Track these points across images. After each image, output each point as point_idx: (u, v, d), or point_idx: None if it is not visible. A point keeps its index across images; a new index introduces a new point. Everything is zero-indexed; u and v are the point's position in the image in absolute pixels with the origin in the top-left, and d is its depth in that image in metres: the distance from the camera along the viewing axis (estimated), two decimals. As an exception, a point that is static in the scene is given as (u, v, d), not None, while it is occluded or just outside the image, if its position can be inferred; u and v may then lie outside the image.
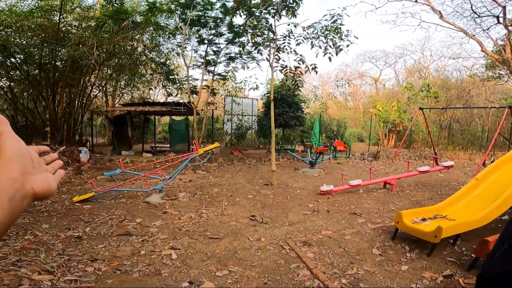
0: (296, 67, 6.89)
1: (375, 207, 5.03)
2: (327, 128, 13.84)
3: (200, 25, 8.88)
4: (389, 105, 13.73)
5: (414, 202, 5.38)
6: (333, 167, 9.73)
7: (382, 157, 11.88)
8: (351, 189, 6.14)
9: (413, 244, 3.41)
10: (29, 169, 0.42)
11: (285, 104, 11.76)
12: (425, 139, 14.94)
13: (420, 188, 6.61)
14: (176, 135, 10.68)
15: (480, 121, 17.48)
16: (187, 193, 5.88)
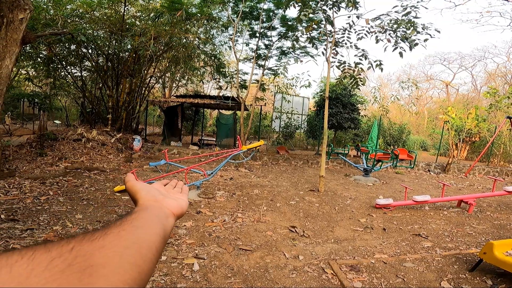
0: (356, 64, 6.09)
1: (446, 229, 4.10)
2: (385, 133, 12.49)
3: (252, 17, 8.57)
4: (465, 112, 11.80)
5: (498, 226, 4.28)
6: (391, 177, 8.62)
7: (452, 169, 10.24)
8: (415, 205, 5.20)
9: (499, 278, 2.56)
10: (158, 197, 0.51)
11: (340, 104, 10.88)
12: (506, 153, 12.58)
13: (504, 210, 5.35)
14: (223, 129, 10.58)
15: None
16: (226, 192, 5.57)
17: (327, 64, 6.10)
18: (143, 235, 0.38)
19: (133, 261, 0.33)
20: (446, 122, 11.81)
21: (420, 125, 18.80)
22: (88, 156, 7.72)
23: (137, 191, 0.50)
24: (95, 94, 10.90)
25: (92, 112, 10.78)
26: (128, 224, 0.38)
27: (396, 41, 5.23)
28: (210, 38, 9.91)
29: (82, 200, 4.49)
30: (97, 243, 0.32)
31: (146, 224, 0.40)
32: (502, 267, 2.50)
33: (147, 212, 0.44)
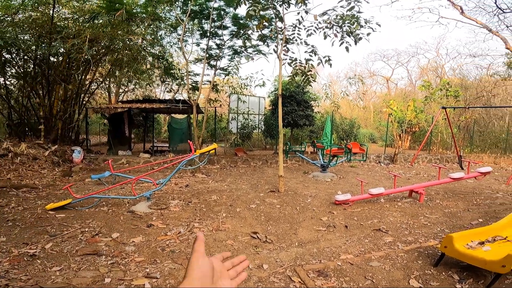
0: (307, 60, 6.07)
1: (403, 221, 4.19)
2: (338, 128, 12.96)
3: (203, 16, 8.17)
4: (405, 105, 12.77)
5: (449, 215, 4.51)
6: (347, 171, 8.88)
7: (399, 159, 10.94)
8: (371, 199, 5.30)
9: (464, 272, 2.59)
10: (206, 281, 0.47)
11: (294, 102, 10.95)
12: (444, 141, 13.91)
13: (451, 197, 5.72)
14: (177, 134, 9.99)
15: (498, 123, 16.33)
16: (181, 200, 5.13)
17: (278, 62, 5.99)
18: None
19: None
20: (390, 115, 12.64)
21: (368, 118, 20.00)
22: (16, 173, 6.66)
23: (193, 268, 0.48)
24: (24, 103, 9.54)
25: (20, 123, 9.41)
26: None
27: (342, 36, 5.29)
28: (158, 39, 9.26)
29: (6, 221, 3.78)
30: None
31: None
32: (464, 261, 2.52)
33: None
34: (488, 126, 16.13)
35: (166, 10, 8.78)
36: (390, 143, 13.10)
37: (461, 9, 13.84)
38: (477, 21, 13.89)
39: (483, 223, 4.10)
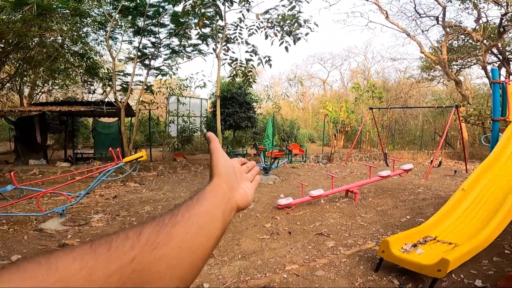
0: (247, 60, 5.91)
1: (342, 223, 4.29)
2: (280, 129, 13.23)
3: (138, 13, 7.40)
4: (338, 106, 13.68)
5: (381, 213, 4.79)
6: (289, 173, 9.02)
7: (335, 159, 11.61)
8: (312, 200, 5.38)
9: (403, 276, 2.67)
10: (234, 183, 0.48)
11: (236, 103, 10.79)
12: (371, 140, 15.29)
13: (381, 194, 6.16)
14: (105, 140, 8.92)
15: (414, 122, 18.71)
16: (106, 214, 4.50)
17: (217, 61, 5.72)
18: (201, 243, 0.36)
19: (184, 275, 0.32)
20: (326, 115, 13.39)
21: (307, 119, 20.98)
22: None
23: (219, 166, 0.47)
24: None
25: None
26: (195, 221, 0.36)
27: (282, 35, 5.27)
28: (81, 36, 8.11)
29: None
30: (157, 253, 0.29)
31: (210, 225, 0.38)
32: (402, 265, 2.58)
33: (216, 205, 0.41)
34: (405, 125, 18.32)
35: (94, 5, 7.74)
36: (327, 143, 13.88)
37: (386, 14, 15.27)
38: (398, 26, 15.51)
39: (411, 220, 4.43)
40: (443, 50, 13.88)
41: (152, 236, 0.31)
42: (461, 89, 14.35)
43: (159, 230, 0.32)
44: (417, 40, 15.01)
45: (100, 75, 8.04)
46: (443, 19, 14.23)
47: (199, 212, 0.38)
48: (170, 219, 0.34)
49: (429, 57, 14.93)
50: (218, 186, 0.44)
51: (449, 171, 9.63)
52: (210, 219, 0.39)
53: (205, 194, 0.42)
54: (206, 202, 0.40)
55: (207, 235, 0.37)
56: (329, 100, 15.17)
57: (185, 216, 0.36)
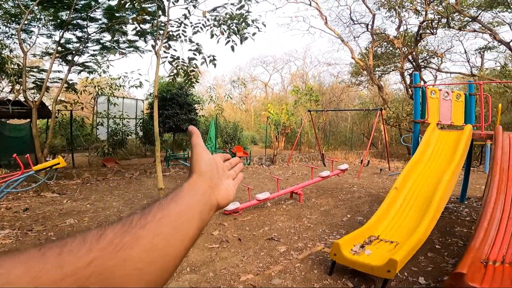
0: (190, 59, 5.58)
1: (290, 226, 4.32)
2: (223, 131, 13.03)
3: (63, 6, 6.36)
4: (279, 108, 14.13)
5: (325, 213, 4.99)
6: (232, 175, 8.87)
7: (278, 160, 11.90)
8: (259, 204, 5.33)
9: (355, 278, 2.75)
10: (215, 181, 0.46)
11: (176, 105, 10.22)
12: (309, 141, 16.18)
13: (322, 194, 6.46)
14: (14, 144, 7.50)
15: (344, 124, 20.52)
16: (15, 230, 3.76)
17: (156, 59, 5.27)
18: (174, 246, 0.33)
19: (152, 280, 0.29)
20: (268, 117, 13.69)
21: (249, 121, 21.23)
22: None
23: (199, 162, 0.44)
24: None
25: None
26: (167, 221, 0.33)
27: (229, 34, 5.11)
28: None
29: None
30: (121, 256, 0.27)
31: (184, 228, 0.35)
32: (354, 267, 2.66)
33: (194, 205, 0.39)
34: (337, 127, 19.93)
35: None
36: (269, 145, 14.18)
37: (326, 19, 16.30)
38: (335, 32, 16.69)
39: (351, 218, 4.70)
40: (369, 56, 15.43)
41: (116, 238, 0.28)
42: (383, 94, 16.17)
43: (124, 232, 0.29)
44: (349, 46, 16.40)
45: (8, 72, 6.73)
46: (372, 26, 15.84)
47: (174, 212, 0.35)
48: (139, 220, 0.32)
49: (358, 63, 16.44)
50: (198, 184, 0.43)
51: (375, 169, 10.70)
52: (186, 219, 0.36)
53: (182, 192, 0.39)
54: (183, 201, 0.38)
55: (181, 238, 0.34)
56: (270, 103, 15.55)
57: (156, 216, 0.33)
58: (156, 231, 0.32)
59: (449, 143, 4.40)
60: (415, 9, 13.66)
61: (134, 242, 0.29)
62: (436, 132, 4.70)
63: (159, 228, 0.32)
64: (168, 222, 0.33)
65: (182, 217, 0.36)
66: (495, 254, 2.49)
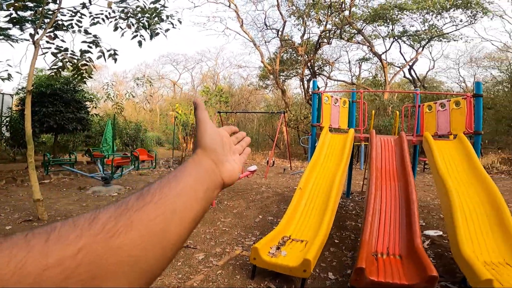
0: (83, 51, 4.76)
1: (205, 231, 4.20)
2: (122, 133, 11.71)
3: None
4: (188, 109, 13.68)
5: (238, 215, 5.04)
6: (137, 181, 8.10)
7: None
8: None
9: (277, 279, 2.84)
10: (221, 157, 0.43)
11: (60, 102, 8.63)
12: (218, 142, 16.20)
13: (233, 196, 6.53)
14: None
15: (251, 125, 21.56)
16: None
17: (34, 50, 4.29)
18: (174, 229, 0.30)
19: (148, 268, 0.27)
20: (175, 118, 13.07)
21: (154, 122, 19.78)
22: None
23: (203, 136, 0.43)
24: None
25: None
26: (168, 200, 0.30)
27: (138, 28, 4.57)
28: None
29: None
30: (114, 242, 0.25)
31: (186, 209, 0.32)
32: (274, 270, 2.74)
33: (198, 182, 0.36)
34: (245, 128, 20.71)
35: None
36: (176, 146, 13.52)
37: (242, 22, 16.56)
38: (249, 35, 17.21)
39: (263, 219, 4.89)
40: (277, 61, 16.62)
41: (110, 223, 0.26)
42: (285, 97, 17.68)
43: (119, 215, 0.27)
44: (260, 50, 17.28)
45: None
46: (282, 32, 17.07)
47: (175, 192, 0.32)
48: (136, 201, 0.29)
49: (266, 67, 17.48)
50: (202, 160, 0.41)
51: (280, 169, 11.56)
52: (187, 199, 0.34)
53: (186, 169, 0.37)
54: (186, 179, 0.35)
55: (181, 220, 0.32)
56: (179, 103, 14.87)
57: (155, 196, 0.30)
58: (153, 214, 0.29)
59: (338, 145, 5.03)
60: (318, 18, 15.44)
61: (128, 227, 0.26)
62: (328, 135, 5.31)
63: (157, 211, 0.29)
64: (168, 203, 0.31)
65: (183, 196, 0.33)
66: (381, 246, 2.98)
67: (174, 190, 0.32)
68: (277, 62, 16.84)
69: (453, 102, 4.77)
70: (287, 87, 22.85)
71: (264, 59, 17.52)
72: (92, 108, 10.92)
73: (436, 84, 23.40)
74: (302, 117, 15.47)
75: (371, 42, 16.65)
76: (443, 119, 4.94)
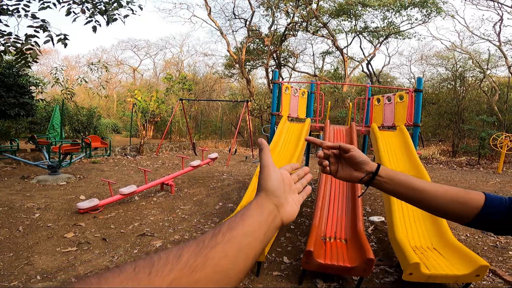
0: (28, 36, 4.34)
1: (164, 219, 4.15)
2: (73, 119, 10.88)
3: None
4: (149, 95, 13.06)
5: (198, 203, 5.05)
6: (88, 169, 7.65)
7: (146, 150, 11.04)
8: (124, 199, 4.83)
9: None
10: (282, 200, 0.46)
11: (1, 86, 7.89)
12: (180, 130, 15.84)
13: (194, 183, 6.49)
14: None
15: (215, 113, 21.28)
16: None
17: None
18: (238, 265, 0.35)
19: None
20: (134, 104, 12.44)
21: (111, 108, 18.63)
22: None
23: (266, 180, 0.46)
24: None
25: None
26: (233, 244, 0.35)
27: (93, 13, 4.25)
28: None
29: None
30: (194, 277, 0.30)
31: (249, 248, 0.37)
32: None
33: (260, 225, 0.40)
34: (209, 116, 20.38)
35: None
36: (135, 133, 12.92)
37: (210, 10, 15.97)
38: (216, 23, 16.70)
39: (223, 206, 4.95)
40: (243, 51, 16.47)
41: (191, 259, 0.31)
42: (250, 87, 17.69)
43: (198, 252, 0.32)
44: (227, 39, 16.97)
45: None
46: (250, 22, 16.87)
47: (241, 232, 0.37)
48: (210, 240, 0.34)
49: (232, 56, 17.25)
50: (265, 204, 0.44)
51: (242, 157, 11.66)
52: (251, 240, 0.38)
53: (250, 212, 0.41)
54: (250, 221, 0.39)
55: (245, 257, 0.36)
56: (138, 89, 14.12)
57: (225, 236, 0.35)
58: (223, 253, 0.34)
59: (295, 133, 5.22)
60: (286, 10, 15.49)
61: (205, 264, 0.32)
62: (287, 124, 5.48)
63: (227, 249, 0.34)
64: (236, 243, 0.35)
65: (247, 238, 0.37)
66: (329, 231, 3.19)
67: (241, 230, 0.37)
68: (243, 52, 16.72)
69: (397, 96, 5.16)
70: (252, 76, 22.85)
71: (230, 48, 17.28)
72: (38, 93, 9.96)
73: (390, 79, 24.95)
74: (266, 107, 15.65)
75: (334, 36, 17.20)
76: (389, 111, 5.34)
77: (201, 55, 34.28)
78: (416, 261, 2.39)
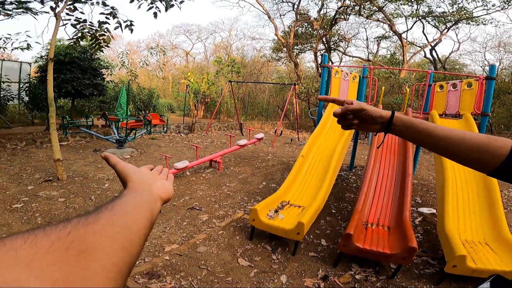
0: (101, 23, 4.90)
1: (211, 194, 4.52)
2: (135, 98, 11.98)
3: None
4: (200, 77, 13.68)
5: (243, 181, 5.33)
6: (148, 144, 8.46)
7: (197, 129, 11.76)
8: (178, 173, 5.32)
9: (272, 241, 3.11)
10: (147, 180, 0.51)
11: (77, 69, 9.00)
12: (229, 111, 16.40)
13: (240, 162, 6.80)
14: None
15: (262, 96, 21.43)
16: None
17: (56, 21, 4.49)
18: (132, 220, 0.39)
19: (123, 245, 0.34)
20: (187, 86, 13.15)
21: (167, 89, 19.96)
22: None
23: (128, 174, 0.50)
24: None
25: None
26: (119, 208, 0.39)
27: (153, 0, 4.64)
28: None
29: None
30: (91, 228, 0.33)
31: (136, 209, 0.41)
32: (271, 231, 2.99)
33: (137, 197, 0.45)
34: (256, 98, 20.64)
35: None
36: (187, 113, 13.76)
37: None
38: (263, 7, 16.65)
39: (266, 186, 5.16)
40: (291, 35, 16.15)
41: (82, 219, 0.33)
42: (298, 70, 17.36)
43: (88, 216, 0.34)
44: (274, 23, 16.79)
45: None
46: (298, 6, 16.41)
47: (122, 202, 0.40)
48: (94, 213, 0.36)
49: (280, 40, 17.04)
50: (134, 187, 0.47)
51: (287, 139, 11.72)
52: (134, 207, 0.41)
53: (123, 193, 0.44)
54: (127, 197, 0.43)
55: (137, 217, 0.40)
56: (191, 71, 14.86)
57: (108, 207, 0.38)
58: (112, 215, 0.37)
59: None
60: None
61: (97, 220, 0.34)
62: (335, 108, 5.37)
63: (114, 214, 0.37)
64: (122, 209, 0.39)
65: (131, 205, 0.41)
66: (372, 217, 3.16)
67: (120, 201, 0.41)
68: (291, 36, 16.33)
69: (465, 83, 4.71)
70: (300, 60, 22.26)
71: (278, 32, 16.99)
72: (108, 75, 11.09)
73: (459, 66, 22.24)
74: (313, 90, 15.27)
75: (392, 21, 15.76)
76: (453, 99, 4.91)
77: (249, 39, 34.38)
78: (463, 253, 2.32)
